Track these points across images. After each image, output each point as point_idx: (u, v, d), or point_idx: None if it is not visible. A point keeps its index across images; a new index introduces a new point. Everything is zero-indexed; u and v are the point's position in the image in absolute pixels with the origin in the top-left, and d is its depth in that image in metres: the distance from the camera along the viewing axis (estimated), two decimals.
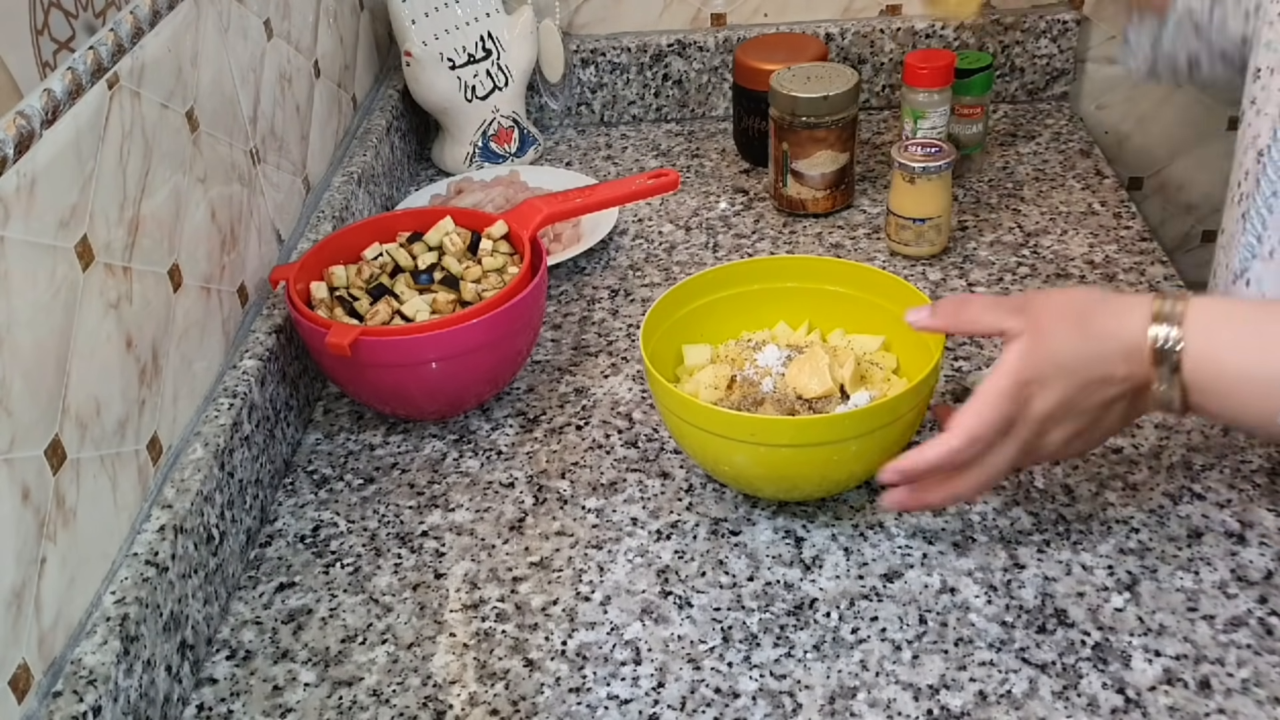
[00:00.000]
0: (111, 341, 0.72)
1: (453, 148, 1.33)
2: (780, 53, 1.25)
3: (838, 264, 0.91)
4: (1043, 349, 0.71)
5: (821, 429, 0.76)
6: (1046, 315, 0.72)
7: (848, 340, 0.90)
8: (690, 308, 0.90)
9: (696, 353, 0.90)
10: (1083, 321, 0.71)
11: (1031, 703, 0.69)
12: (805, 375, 0.83)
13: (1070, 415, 0.71)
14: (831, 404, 0.82)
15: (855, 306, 0.90)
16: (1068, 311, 0.71)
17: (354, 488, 0.90)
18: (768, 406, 0.82)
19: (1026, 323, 0.72)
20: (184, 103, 0.84)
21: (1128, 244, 1.11)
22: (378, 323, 0.91)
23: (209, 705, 0.73)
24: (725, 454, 0.79)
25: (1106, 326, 0.70)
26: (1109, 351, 0.69)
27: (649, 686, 0.72)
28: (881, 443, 0.77)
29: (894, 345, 0.89)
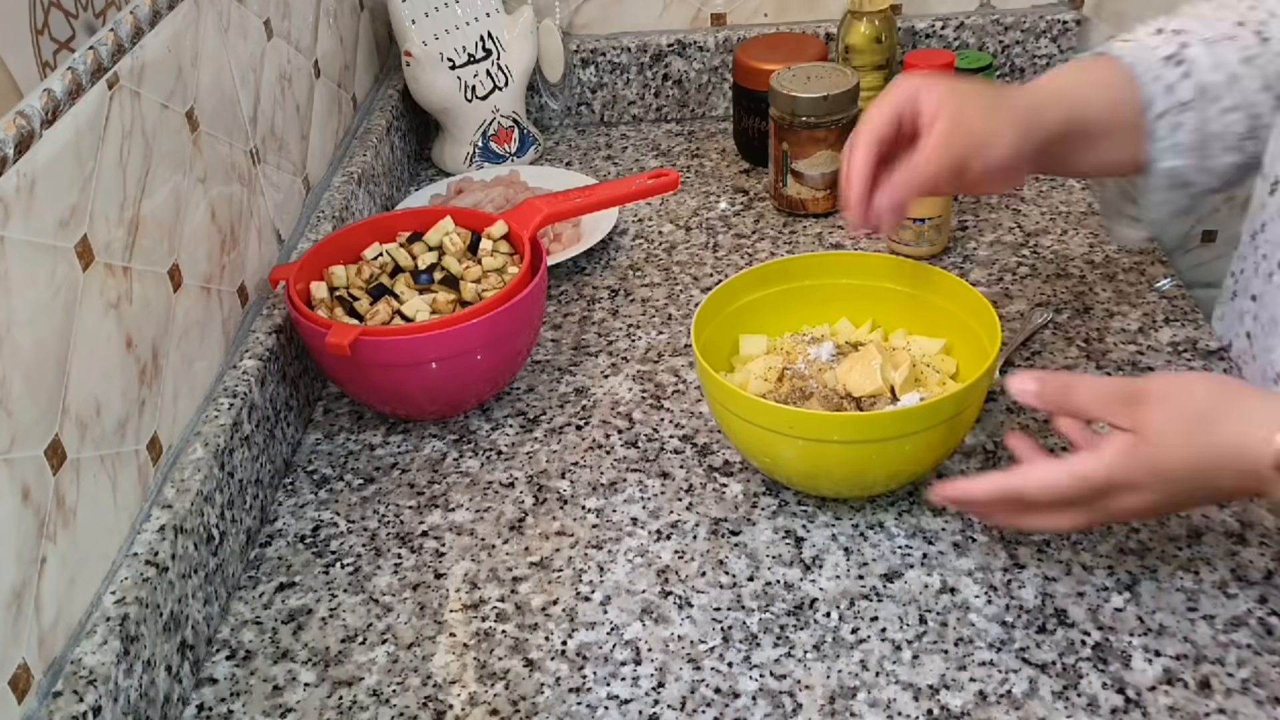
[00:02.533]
0: (111, 341, 0.72)
1: (453, 148, 1.33)
2: (780, 53, 1.25)
3: (903, 263, 0.91)
4: (1146, 457, 0.66)
5: (858, 426, 0.76)
6: (1159, 418, 0.66)
7: (908, 341, 0.90)
8: (749, 299, 0.90)
9: (752, 343, 0.90)
10: (1200, 430, 0.66)
11: (1031, 703, 0.69)
12: (856, 373, 0.83)
13: (1157, 511, 0.69)
14: (880, 404, 0.82)
15: (919, 308, 0.90)
16: (1184, 416, 0.66)
17: (354, 488, 0.90)
18: (814, 401, 0.82)
19: (1136, 422, 0.67)
20: (184, 103, 0.84)
21: None
22: (378, 323, 0.91)
23: (209, 705, 0.74)
24: (765, 445, 0.79)
25: (1227, 438, 0.65)
26: (1223, 464, 0.65)
27: (649, 686, 0.72)
28: (920, 446, 0.77)
29: (955, 349, 0.88)
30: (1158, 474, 0.66)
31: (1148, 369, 0.94)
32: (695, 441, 0.91)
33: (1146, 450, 0.66)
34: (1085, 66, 0.86)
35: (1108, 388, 0.69)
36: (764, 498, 0.85)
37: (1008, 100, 0.81)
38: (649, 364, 1.00)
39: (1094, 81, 0.84)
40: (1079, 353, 0.96)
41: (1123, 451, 0.66)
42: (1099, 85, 0.84)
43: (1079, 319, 1.01)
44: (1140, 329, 0.99)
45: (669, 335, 1.04)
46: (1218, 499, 0.70)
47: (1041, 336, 0.99)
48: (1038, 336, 0.99)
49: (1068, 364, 0.95)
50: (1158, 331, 0.98)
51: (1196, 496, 0.69)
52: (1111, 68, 0.84)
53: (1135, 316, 1.00)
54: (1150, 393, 0.67)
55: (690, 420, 0.93)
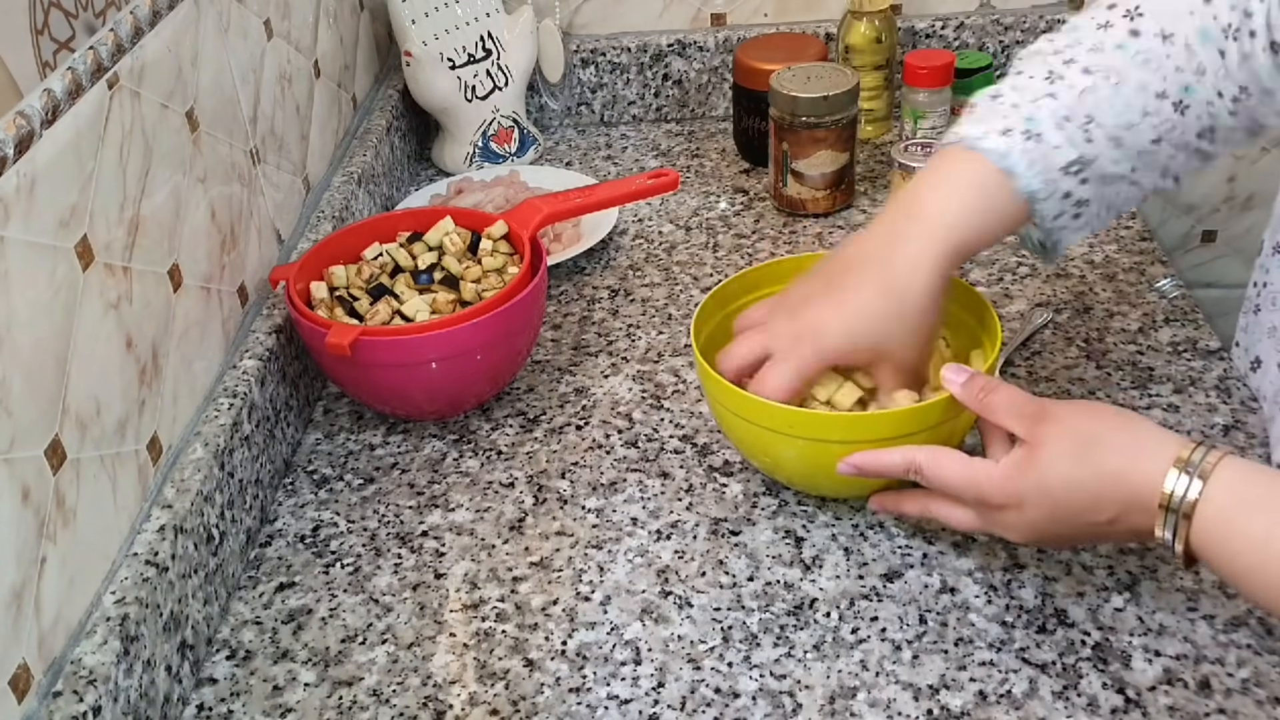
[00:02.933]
0: (111, 341, 0.72)
1: (453, 148, 1.33)
2: (780, 53, 1.25)
3: None
4: (1033, 470, 0.68)
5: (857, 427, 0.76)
6: (1053, 433, 0.68)
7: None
8: (750, 298, 0.90)
9: None
10: (1089, 453, 0.67)
11: (1031, 703, 0.69)
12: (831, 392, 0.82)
13: (1038, 535, 0.71)
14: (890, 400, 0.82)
15: None
16: (1077, 437, 0.68)
17: (354, 488, 0.90)
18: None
19: (1033, 434, 0.69)
20: (184, 103, 0.84)
21: (1128, 244, 1.11)
22: (378, 323, 0.91)
23: (209, 705, 0.74)
24: (764, 445, 0.80)
25: (1115, 465, 0.66)
26: (1106, 493, 0.66)
27: (649, 686, 0.72)
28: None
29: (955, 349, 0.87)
30: (1042, 490, 0.68)
31: (1148, 369, 0.94)
32: (695, 441, 0.91)
33: (1035, 464, 0.68)
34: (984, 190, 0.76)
35: (1021, 399, 0.71)
36: (764, 498, 0.85)
37: (914, 311, 0.76)
38: (649, 364, 1.00)
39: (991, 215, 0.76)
40: (1079, 353, 0.96)
41: (1014, 464, 0.69)
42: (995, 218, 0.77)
43: (1079, 319, 1.01)
44: (1140, 329, 0.99)
45: (669, 335, 1.04)
46: (1102, 533, 0.69)
47: (1041, 336, 0.99)
48: (1038, 336, 0.99)
49: (1068, 364, 0.95)
50: (1158, 331, 0.98)
51: (1080, 523, 0.68)
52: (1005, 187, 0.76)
53: (1135, 316, 1.00)
54: (1053, 412, 0.69)
55: (690, 420, 0.93)
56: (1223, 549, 0.63)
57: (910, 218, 0.77)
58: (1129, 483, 0.65)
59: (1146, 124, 0.77)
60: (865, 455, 0.75)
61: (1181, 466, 0.63)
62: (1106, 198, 0.79)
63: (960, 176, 0.76)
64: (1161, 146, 0.78)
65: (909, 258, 0.75)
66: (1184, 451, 0.64)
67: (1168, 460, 0.64)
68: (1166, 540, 0.65)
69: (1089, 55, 0.78)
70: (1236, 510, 0.62)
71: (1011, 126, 0.76)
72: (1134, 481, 0.65)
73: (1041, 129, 0.76)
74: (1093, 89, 0.76)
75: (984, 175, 0.76)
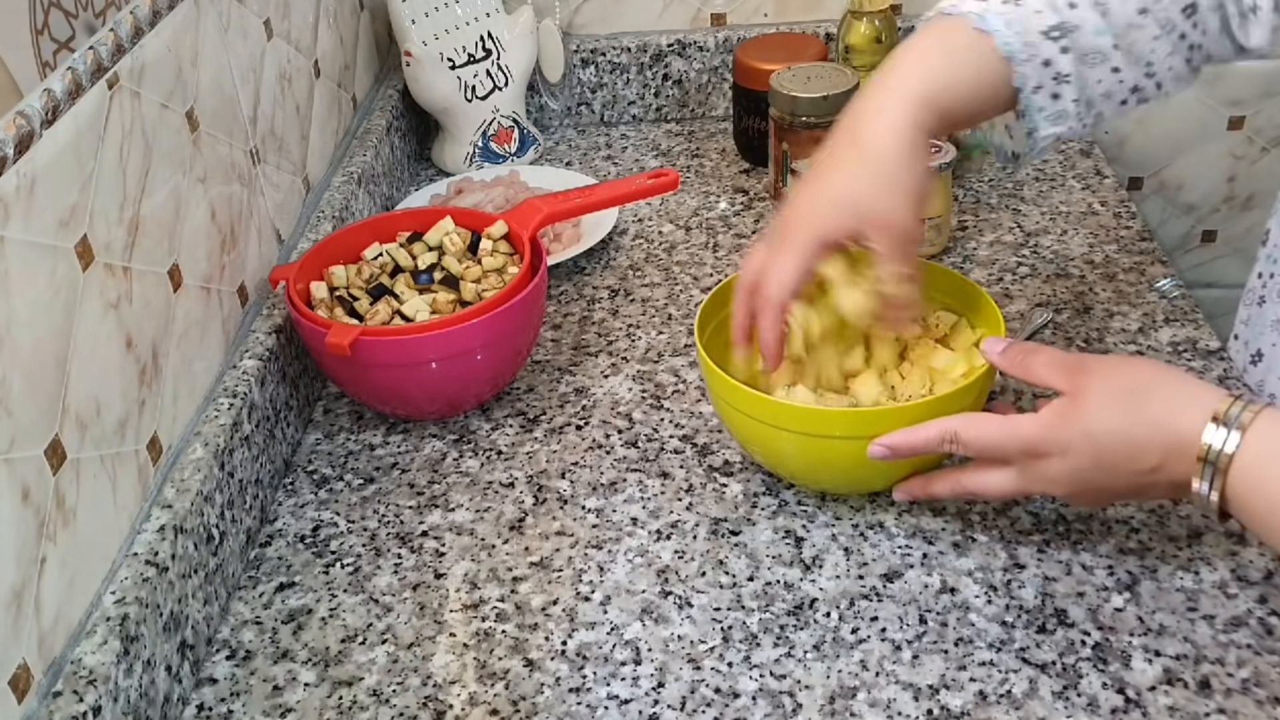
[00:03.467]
0: (111, 341, 0.72)
1: (453, 148, 1.33)
2: (780, 53, 1.25)
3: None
4: (1077, 417, 0.69)
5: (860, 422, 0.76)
6: (1098, 383, 0.69)
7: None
8: None
9: None
10: (1133, 401, 0.68)
11: (1031, 703, 0.69)
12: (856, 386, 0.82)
13: (1082, 484, 0.71)
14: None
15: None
16: (1124, 384, 0.69)
17: (354, 488, 0.90)
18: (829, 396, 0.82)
19: (1075, 385, 0.70)
20: (184, 103, 0.84)
21: (1128, 244, 1.11)
22: (378, 323, 0.91)
23: (209, 705, 0.74)
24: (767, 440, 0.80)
25: (1159, 413, 0.67)
26: (1149, 440, 0.67)
27: (649, 686, 0.72)
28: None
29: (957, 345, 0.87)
30: (1087, 435, 0.69)
31: None
32: (695, 441, 0.91)
33: (1079, 412, 0.69)
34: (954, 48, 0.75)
35: (1060, 355, 0.73)
36: (764, 498, 0.85)
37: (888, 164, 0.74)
38: (649, 364, 1.00)
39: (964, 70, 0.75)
40: (1079, 353, 0.96)
41: (1057, 412, 0.70)
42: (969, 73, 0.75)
43: (1079, 319, 1.01)
44: (1140, 329, 0.99)
45: (669, 335, 1.04)
46: (1143, 484, 0.69)
47: (1041, 336, 0.99)
48: (1038, 336, 0.99)
49: None
50: (1158, 331, 0.98)
51: (1122, 473, 0.69)
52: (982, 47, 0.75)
53: (1135, 316, 1.00)
54: (1093, 365, 0.71)
55: (690, 420, 0.93)
56: (1258, 500, 0.64)
57: (882, 84, 0.75)
58: (1172, 430, 0.66)
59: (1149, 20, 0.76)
60: (897, 435, 0.74)
61: (1220, 420, 0.64)
62: (1086, 83, 0.77)
63: (934, 37, 0.76)
64: (1147, 21, 0.77)
65: (877, 112, 0.74)
66: (1221, 406, 0.65)
67: (1207, 413, 0.65)
68: (1203, 493, 0.66)
69: None
70: (1272, 461, 0.64)
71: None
72: (1177, 429, 0.66)
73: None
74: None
75: (960, 34, 0.75)
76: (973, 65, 0.75)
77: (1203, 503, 0.67)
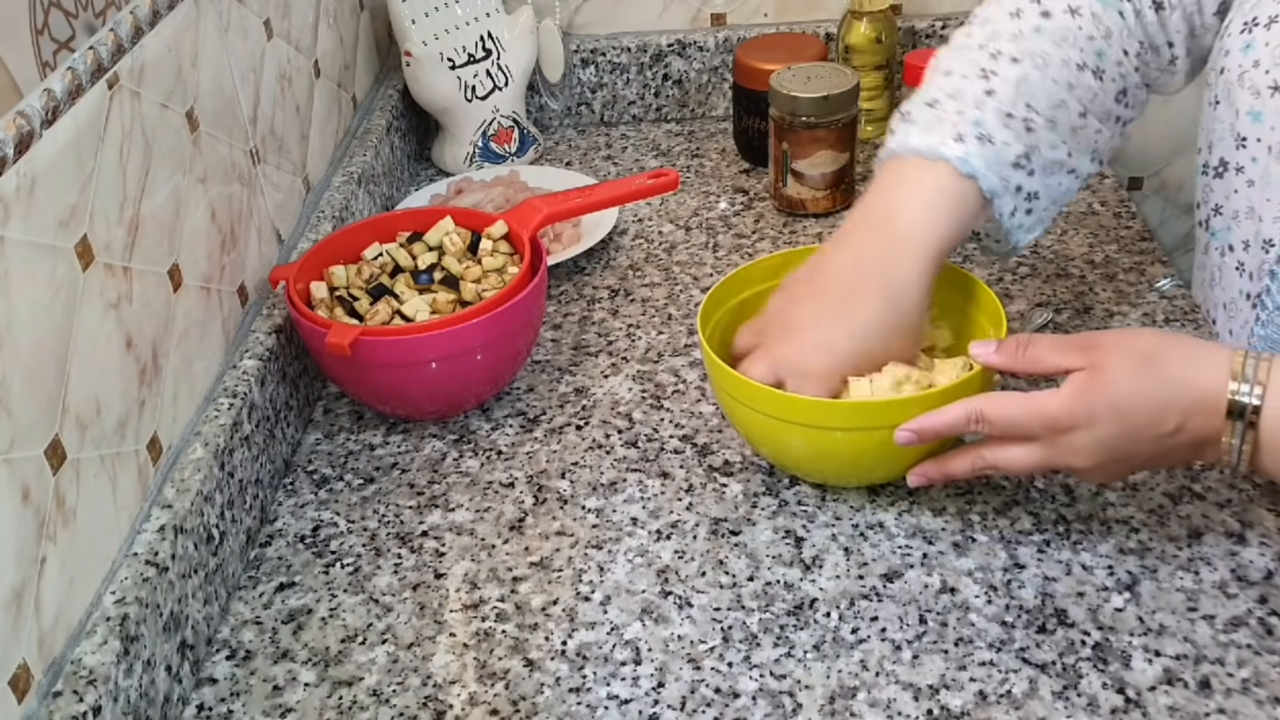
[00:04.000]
0: (111, 341, 0.72)
1: (453, 148, 1.33)
2: (780, 53, 1.25)
3: None
4: (1100, 388, 0.70)
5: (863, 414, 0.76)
6: (1113, 354, 0.71)
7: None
8: (755, 290, 0.91)
9: None
10: (1151, 365, 0.70)
11: (1031, 703, 0.69)
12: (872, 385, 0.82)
13: (1109, 454, 0.72)
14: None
15: None
16: (1136, 353, 0.71)
17: (354, 488, 0.90)
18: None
19: (1091, 360, 0.71)
20: (184, 103, 0.84)
21: (1128, 244, 1.11)
22: (378, 323, 0.91)
23: (209, 705, 0.74)
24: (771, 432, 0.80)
25: (1178, 373, 0.69)
26: (1173, 399, 0.69)
27: (649, 686, 0.72)
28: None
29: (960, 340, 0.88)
30: (1111, 405, 0.70)
31: None
32: (695, 441, 0.91)
33: (1102, 382, 0.70)
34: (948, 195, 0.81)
35: (1061, 339, 0.75)
36: (764, 498, 0.85)
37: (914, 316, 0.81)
38: (649, 364, 1.00)
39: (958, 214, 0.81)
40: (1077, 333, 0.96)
41: (1080, 386, 0.71)
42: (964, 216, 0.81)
43: (1079, 319, 1.01)
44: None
45: (669, 335, 1.04)
46: (1165, 448, 0.71)
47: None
48: None
49: None
50: None
51: (1147, 438, 0.70)
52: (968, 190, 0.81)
53: (1135, 316, 1.00)
54: (1102, 339, 0.73)
55: (690, 420, 0.93)
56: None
57: (896, 235, 0.81)
58: (1194, 388, 0.69)
59: (1073, 98, 0.82)
60: (924, 418, 0.75)
61: (1238, 375, 0.68)
62: (1051, 189, 0.84)
63: (932, 186, 0.81)
64: (1088, 120, 0.84)
65: (903, 272, 0.80)
66: (1236, 361, 0.68)
67: (1224, 368, 0.68)
68: (1232, 448, 0.69)
69: (1011, 44, 0.83)
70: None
71: (963, 132, 0.81)
72: (1199, 387, 0.69)
73: (990, 130, 0.80)
74: (1025, 78, 0.82)
75: (952, 183, 0.81)
76: (969, 213, 0.82)
77: (1231, 456, 0.69)
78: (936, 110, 0.82)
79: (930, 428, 0.75)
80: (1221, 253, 0.85)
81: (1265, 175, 0.78)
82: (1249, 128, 0.79)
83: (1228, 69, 0.80)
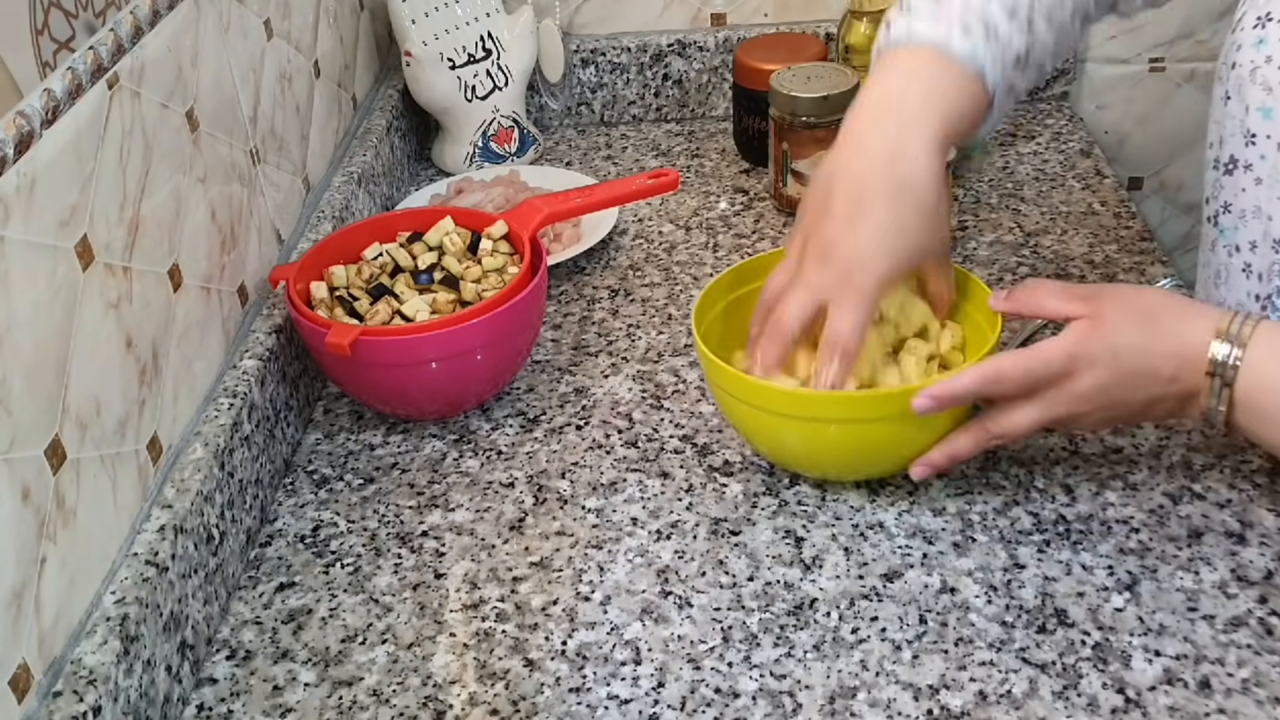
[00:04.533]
0: (111, 341, 0.72)
1: (453, 148, 1.33)
2: (780, 53, 1.25)
3: None
4: (1100, 333, 0.73)
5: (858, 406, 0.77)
6: (1113, 304, 0.74)
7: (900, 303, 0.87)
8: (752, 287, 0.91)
9: None
10: (1149, 318, 0.73)
11: (1031, 703, 0.69)
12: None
13: (1107, 399, 0.74)
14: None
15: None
16: (1136, 305, 0.74)
17: (354, 488, 0.90)
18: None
19: (1091, 309, 0.74)
20: (184, 103, 0.84)
21: (1128, 244, 1.11)
22: (378, 323, 0.91)
23: (209, 705, 0.74)
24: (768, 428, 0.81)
25: (1171, 327, 0.73)
26: (1164, 350, 0.73)
27: (649, 686, 0.72)
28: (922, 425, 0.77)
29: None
30: (1109, 348, 0.73)
31: None
32: (695, 441, 0.91)
33: (1102, 329, 0.73)
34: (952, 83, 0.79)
35: (1064, 286, 0.78)
36: (764, 498, 0.85)
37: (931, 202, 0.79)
38: (649, 364, 1.00)
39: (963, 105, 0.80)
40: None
41: (1080, 331, 0.74)
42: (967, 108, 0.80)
43: None
44: None
45: (669, 335, 1.04)
46: (1157, 396, 0.73)
47: (1041, 336, 0.99)
48: (1037, 336, 0.99)
49: None
50: None
51: (1141, 385, 0.73)
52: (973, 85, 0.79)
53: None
54: (1105, 290, 0.76)
55: (690, 420, 0.93)
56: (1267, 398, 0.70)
57: (901, 123, 0.78)
58: (1185, 341, 0.72)
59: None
60: (941, 385, 0.75)
61: (1222, 335, 0.71)
62: (1024, 85, 0.84)
63: (936, 75, 0.79)
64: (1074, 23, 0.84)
65: (913, 163, 0.78)
66: (1223, 322, 0.71)
67: (1211, 328, 0.71)
68: (1212, 405, 0.72)
69: None
70: (1272, 367, 0.70)
71: (970, 24, 0.79)
72: (1189, 340, 0.72)
73: (997, 23, 0.79)
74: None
75: (958, 74, 0.79)
76: (970, 100, 0.80)
77: (1210, 412, 0.72)
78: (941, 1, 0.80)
79: (949, 393, 0.75)
80: (1229, 252, 0.84)
81: (1275, 173, 0.78)
82: (1259, 124, 0.79)
83: (1239, 64, 0.79)
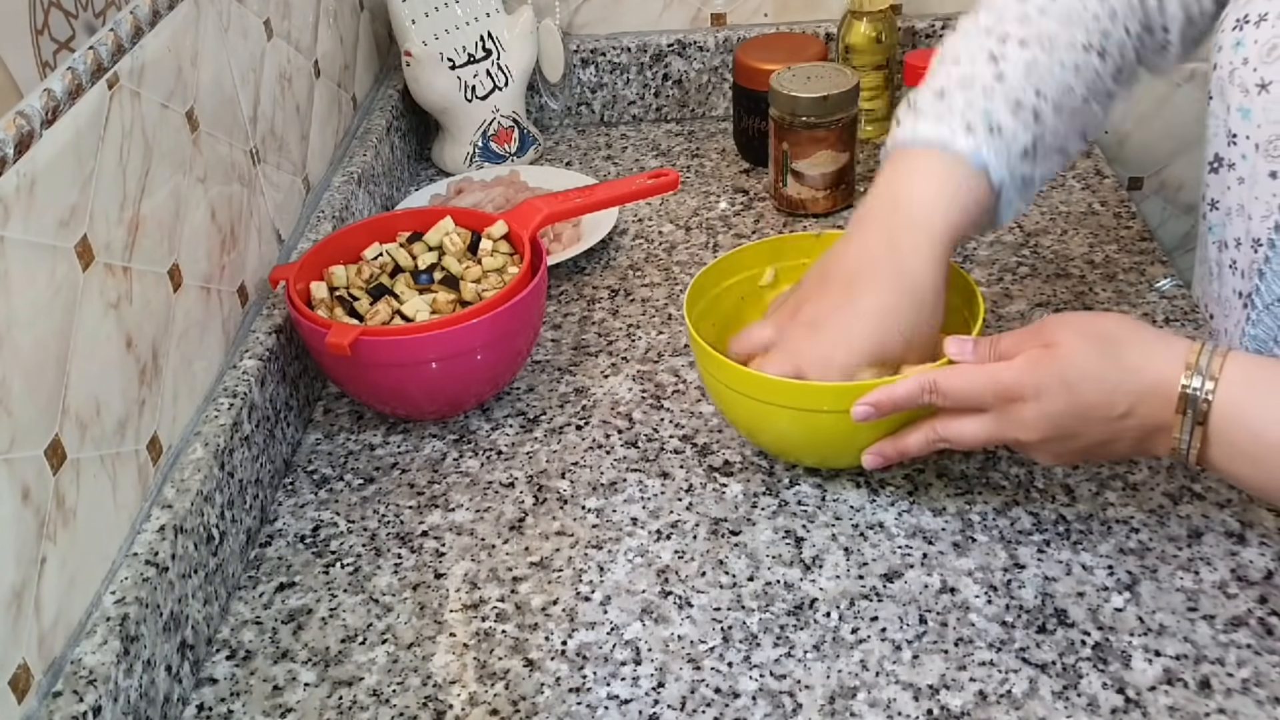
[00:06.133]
0: (111, 341, 0.72)
1: (453, 148, 1.33)
2: (780, 53, 1.25)
3: None
4: (1052, 361, 0.72)
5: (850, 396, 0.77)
6: (1067, 332, 0.72)
7: None
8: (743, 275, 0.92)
9: None
10: (1108, 347, 0.71)
11: (1031, 703, 0.69)
12: None
13: (1055, 430, 0.72)
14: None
15: None
16: (1094, 333, 0.72)
17: (354, 488, 0.90)
18: None
19: (1048, 339, 0.73)
20: (184, 103, 0.84)
21: (1128, 244, 1.11)
22: (378, 323, 0.91)
23: (209, 705, 0.74)
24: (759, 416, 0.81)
25: (1134, 359, 0.70)
26: (1124, 383, 0.70)
27: (649, 686, 0.72)
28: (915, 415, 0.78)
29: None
30: (1062, 380, 0.71)
31: None
32: (695, 441, 0.91)
33: (1054, 357, 0.72)
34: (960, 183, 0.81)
35: (1024, 330, 0.76)
36: (764, 498, 0.85)
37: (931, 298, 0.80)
38: (649, 364, 1.00)
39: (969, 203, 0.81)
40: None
41: (1033, 359, 0.72)
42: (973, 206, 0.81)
43: None
44: None
45: (669, 335, 1.04)
46: (1113, 431, 0.71)
47: None
48: None
49: None
50: None
51: (1094, 419, 0.71)
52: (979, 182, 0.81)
53: (1135, 316, 1.00)
54: (1060, 319, 0.75)
55: (690, 420, 0.93)
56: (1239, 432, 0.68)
57: (905, 222, 0.80)
58: (1147, 374, 0.70)
59: (1079, 82, 0.83)
60: (878, 392, 0.75)
61: (1192, 367, 0.68)
62: (1045, 173, 0.85)
63: (942, 175, 0.81)
64: (1090, 104, 0.84)
65: (914, 257, 0.80)
66: (1192, 354, 0.69)
67: (1179, 359, 0.69)
68: (1183, 439, 0.69)
69: (1019, 26, 0.83)
70: (1249, 394, 0.68)
71: (973, 123, 0.80)
72: (1153, 374, 0.69)
73: (1000, 120, 0.80)
74: (1034, 62, 0.81)
75: (963, 173, 0.80)
76: (980, 203, 0.82)
77: (1179, 448, 0.70)
78: (946, 100, 0.82)
79: (887, 400, 0.76)
80: (1219, 248, 0.85)
81: (1253, 173, 0.78)
82: (1239, 124, 0.79)
83: (1220, 65, 0.80)
